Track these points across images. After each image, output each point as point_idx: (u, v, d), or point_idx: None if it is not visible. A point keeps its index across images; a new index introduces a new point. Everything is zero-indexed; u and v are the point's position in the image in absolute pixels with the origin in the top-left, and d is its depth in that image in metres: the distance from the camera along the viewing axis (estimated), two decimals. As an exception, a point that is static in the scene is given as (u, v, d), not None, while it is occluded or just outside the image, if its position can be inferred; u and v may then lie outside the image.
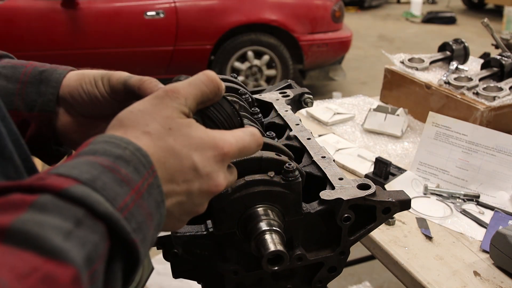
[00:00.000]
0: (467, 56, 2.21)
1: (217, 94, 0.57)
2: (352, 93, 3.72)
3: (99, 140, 0.48)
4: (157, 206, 0.48)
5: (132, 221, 0.43)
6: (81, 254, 0.37)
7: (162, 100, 0.53)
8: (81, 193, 0.40)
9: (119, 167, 0.45)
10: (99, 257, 0.40)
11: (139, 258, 0.44)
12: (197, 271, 0.76)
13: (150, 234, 0.47)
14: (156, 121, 0.51)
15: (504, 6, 9.15)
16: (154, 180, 0.48)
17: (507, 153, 1.52)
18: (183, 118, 0.53)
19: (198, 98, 0.55)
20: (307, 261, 0.76)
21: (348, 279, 2.84)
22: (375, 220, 0.75)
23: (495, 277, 1.18)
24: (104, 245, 0.41)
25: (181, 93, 0.53)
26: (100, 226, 0.41)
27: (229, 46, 5.02)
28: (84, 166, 0.43)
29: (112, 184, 0.43)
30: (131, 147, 0.47)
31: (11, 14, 4.46)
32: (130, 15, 4.71)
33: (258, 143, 0.59)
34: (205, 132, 0.54)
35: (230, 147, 0.55)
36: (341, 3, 5.37)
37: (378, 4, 12.23)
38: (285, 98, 1.07)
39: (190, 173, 0.52)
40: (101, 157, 0.45)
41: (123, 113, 0.52)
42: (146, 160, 0.48)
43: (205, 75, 0.56)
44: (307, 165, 0.83)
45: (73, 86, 0.71)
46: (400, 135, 1.94)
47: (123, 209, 0.43)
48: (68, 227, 0.38)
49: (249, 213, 0.68)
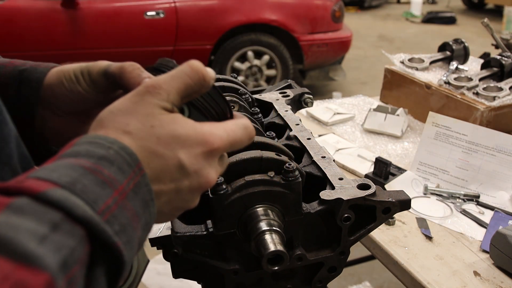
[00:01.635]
0: (467, 56, 2.21)
1: (203, 85, 0.54)
2: (352, 93, 3.73)
3: (82, 141, 0.46)
4: (144, 205, 0.47)
5: (115, 223, 0.42)
6: (56, 259, 0.36)
7: (142, 97, 0.50)
8: (59, 197, 0.39)
9: (101, 168, 0.43)
10: (77, 262, 0.38)
11: (123, 261, 0.43)
12: (197, 271, 0.76)
13: (137, 234, 0.46)
14: (137, 119, 0.49)
15: (504, 6, 9.15)
16: (141, 178, 0.47)
17: (507, 153, 1.52)
18: (165, 114, 0.50)
19: (181, 92, 0.52)
20: (307, 261, 0.76)
21: (348, 279, 2.84)
22: (375, 220, 0.75)
23: (495, 277, 1.18)
24: (83, 249, 0.39)
25: (163, 88, 0.51)
26: (78, 230, 0.39)
27: (229, 46, 5.02)
28: (64, 169, 0.42)
29: (93, 187, 0.42)
30: (115, 146, 0.46)
31: (11, 14, 4.46)
32: (130, 15, 4.71)
33: (250, 136, 0.57)
34: (193, 127, 0.51)
35: (221, 141, 0.53)
36: (341, 3, 5.38)
37: (378, 4, 12.23)
38: (285, 98, 1.07)
39: (177, 172, 0.50)
40: (83, 159, 0.44)
41: (103, 113, 0.50)
42: (131, 159, 0.46)
43: (188, 66, 0.53)
44: (307, 165, 0.83)
45: (55, 85, 0.67)
46: (400, 135, 1.94)
47: (105, 211, 0.41)
48: (44, 231, 0.36)
49: (249, 213, 0.68)
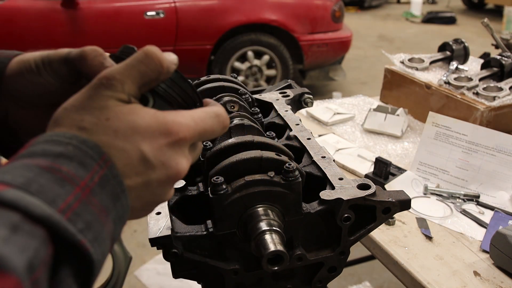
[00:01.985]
0: (467, 56, 2.21)
1: (160, 71, 0.51)
2: (352, 93, 3.73)
3: (38, 141, 0.44)
4: (115, 198, 0.45)
5: (78, 221, 0.40)
6: (21, 261, 0.34)
7: (96, 91, 0.47)
8: (13, 197, 0.37)
9: (59, 166, 0.42)
10: (41, 263, 0.37)
11: (92, 259, 0.41)
12: (197, 271, 0.76)
13: (108, 229, 0.44)
14: (91, 114, 0.46)
15: (504, 6, 9.15)
16: (108, 170, 0.45)
17: (507, 153, 1.52)
18: (122, 105, 0.48)
19: (137, 81, 0.49)
20: (307, 261, 0.76)
21: (348, 279, 2.84)
22: (375, 220, 0.75)
23: (495, 277, 1.18)
24: (46, 250, 0.37)
25: (116, 79, 0.48)
26: (39, 231, 0.37)
27: (229, 46, 5.02)
28: (18, 170, 0.40)
29: (51, 185, 0.40)
30: (74, 141, 0.44)
31: (11, 14, 4.46)
32: (130, 15, 4.71)
33: (224, 125, 0.54)
34: (154, 116, 0.49)
35: (188, 131, 0.50)
36: (341, 3, 5.38)
37: (378, 4, 12.24)
38: (285, 98, 1.07)
39: (141, 165, 0.48)
40: (39, 159, 0.42)
41: (57, 111, 0.48)
42: (94, 152, 0.44)
43: (143, 53, 0.50)
44: (307, 165, 0.83)
45: (16, 76, 0.61)
46: (400, 135, 1.94)
47: (65, 210, 0.40)
48: (4, 233, 0.35)
49: (249, 213, 0.68)
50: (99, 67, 0.55)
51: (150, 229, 0.70)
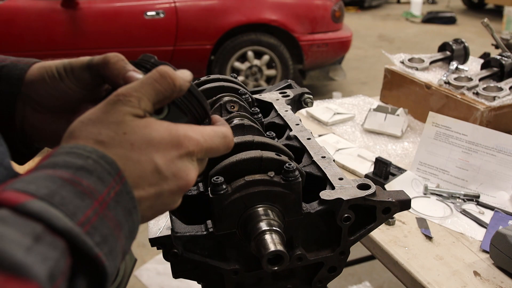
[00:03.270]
0: (467, 56, 2.21)
1: (174, 90, 0.54)
2: (352, 93, 3.73)
3: (60, 152, 0.46)
4: (127, 213, 0.47)
5: (96, 234, 0.42)
6: (43, 270, 0.35)
7: (113, 106, 0.50)
8: (38, 208, 0.38)
9: (80, 179, 0.43)
10: (61, 274, 0.38)
11: (106, 272, 0.42)
12: (197, 271, 0.76)
13: (120, 243, 0.45)
14: (108, 128, 0.49)
15: (504, 6, 9.15)
16: (122, 187, 0.46)
17: (507, 153, 1.52)
18: (137, 120, 0.50)
19: (152, 98, 0.52)
20: (307, 261, 0.76)
21: (348, 279, 2.84)
22: (375, 220, 0.75)
23: (495, 277, 1.18)
24: (65, 261, 0.39)
25: (133, 95, 0.51)
26: (59, 242, 0.39)
27: (229, 46, 5.02)
28: (41, 181, 0.41)
29: (72, 198, 0.41)
30: (94, 155, 0.45)
31: (11, 14, 4.46)
32: (130, 15, 4.71)
33: (228, 146, 0.57)
34: (167, 129, 0.51)
35: (196, 146, 0.53)
36: (341, 3, 5.38)
37: (378, 4, 12.24)
38: (285, 98, 1.07)
39: (154, 177, 0.50)
40: (61, 170, 0.43)
41: (73, 124, 0.50)
42: (111, 168, 0.46)
43: (157, 72, 0.53)
44: (307, 165, 0.83)
45: (36, 82, 0.64)
46: (400, 135, 1.94)
47: (85, 223, 0.41)
48: (28, 242, 0.36)
49: (249, 213, 0.68)
50: (121, 70, 0.59)
51: (150, 229, 0.70)
